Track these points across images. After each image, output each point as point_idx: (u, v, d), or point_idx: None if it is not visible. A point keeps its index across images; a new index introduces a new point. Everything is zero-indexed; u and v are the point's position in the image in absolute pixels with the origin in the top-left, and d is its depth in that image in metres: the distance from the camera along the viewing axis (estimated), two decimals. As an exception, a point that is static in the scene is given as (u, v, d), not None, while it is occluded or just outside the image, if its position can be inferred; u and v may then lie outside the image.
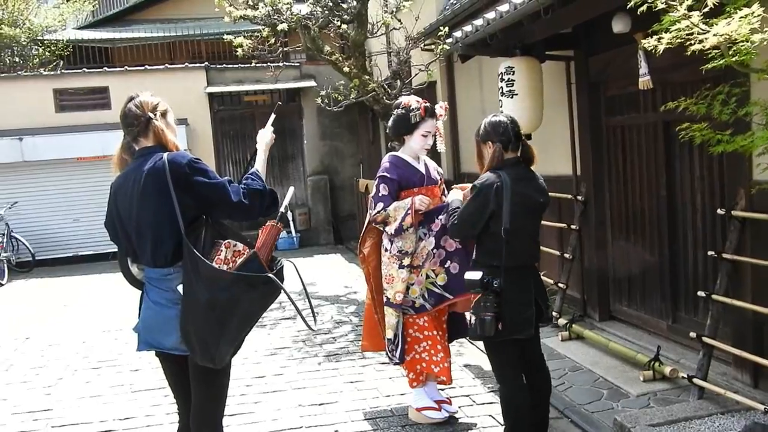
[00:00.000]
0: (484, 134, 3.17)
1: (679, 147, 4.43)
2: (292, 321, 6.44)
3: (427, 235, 3.68)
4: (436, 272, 3.68)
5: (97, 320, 7.06)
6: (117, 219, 2.52)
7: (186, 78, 11.55)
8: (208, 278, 2.30)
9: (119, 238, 2.57)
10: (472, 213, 3.08)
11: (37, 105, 11.14)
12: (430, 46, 7.21)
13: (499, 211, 2.98)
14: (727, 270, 3.82)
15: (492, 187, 3.00)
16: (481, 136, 3.18)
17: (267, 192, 2.52)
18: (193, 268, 2.32)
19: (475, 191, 3.08)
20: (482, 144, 3.19)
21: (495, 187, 2.99)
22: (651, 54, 3.50)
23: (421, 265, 3.68)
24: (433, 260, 3.68)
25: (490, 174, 3.06)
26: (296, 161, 12.44)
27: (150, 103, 2.52)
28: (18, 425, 4.22)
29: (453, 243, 3.68)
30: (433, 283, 3.69)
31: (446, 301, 3.71)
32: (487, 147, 3.16)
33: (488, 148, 3.15)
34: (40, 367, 5.47)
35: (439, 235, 3.67)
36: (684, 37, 2.49)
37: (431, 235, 3.68)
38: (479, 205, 3.04)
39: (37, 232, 11.11)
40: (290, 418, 4.06)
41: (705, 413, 3.58)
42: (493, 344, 3.12)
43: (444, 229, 3.65)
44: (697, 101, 2.75)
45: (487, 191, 3.01)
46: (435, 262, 3.68)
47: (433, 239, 3.67)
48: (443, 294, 3.69)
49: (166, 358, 2.58)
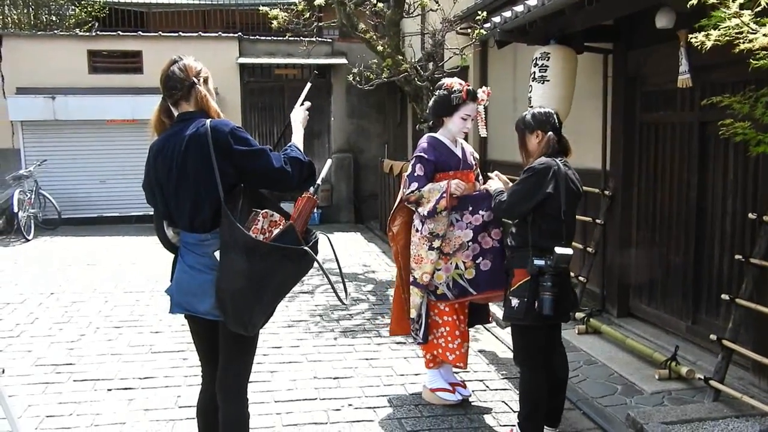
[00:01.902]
0: (534, 123, 3.25)
1: (714, 148, 4.37)
2: (309, 295, 6.51)
3: (464, 227, 3.64)
4: (466, 265, 3.65)
5: (119, 281, 7.19)
6: (155, 182, 2.51)
7: (218, 47, 11.60)
8: (245, 247, 2.31)
9: (156, 201, 2.57)
10: (528, 191, 3.12)
11: (71, 65, 11.25)
12: (466, 30, 7.15)
13: (556, 193, 3.07)
14: (753, 275, 3.78)
15: (550, 170, 3.08)
16: (528, 126, 3.27)
17: (306, 162, 2.51)
18: (230, 235, 2.33)
19: (530, 173, 3.13)
20: (529, 133, 3.27)
21: (553, 170, 3.08)
22: (692, 52, 3.46)
23: (452, 254, 3.65)
24: (466, 252, 3.64)
25: (546, 158, 3.14)
26: (322, 138, 12.46)
27: (194, 68, 2.51)
28: (41, 377, 4.34)
29: (489, 240, 3.66)
30: (461, 275, 3.66)
31: (469, 296, 3.69)
32: (534, 136, 3.24)
33: (536, 137, 3.24)
34: (64, 323, 5.60)
35: (478, 230, 3.63)
36: (732, 36, 2.45)
37: (470, 228, 3.63)
38: (534, 185, 3.09)
39: (64, 191, 11.28)
40: (306, 390, 4.13)
41: (719, 415, 3.57)
42: (525, 329, 3.18)
43: (484, 225, 3.63)
44: (740, 100, 2.71)
45: (545, 173, 3.08)
46: (468, 255, 3.64)
47: (471, 232, 3.63)
48: (467, 288, 3.66)
49: (197, 321, 2.60)
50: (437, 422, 3.66)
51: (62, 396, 4.02)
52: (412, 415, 3.76)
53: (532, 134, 3.25)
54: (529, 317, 3.08)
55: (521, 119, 3.33)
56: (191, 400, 3.89)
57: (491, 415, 3.76)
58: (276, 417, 3.73)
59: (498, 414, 3.77)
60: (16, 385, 4.17)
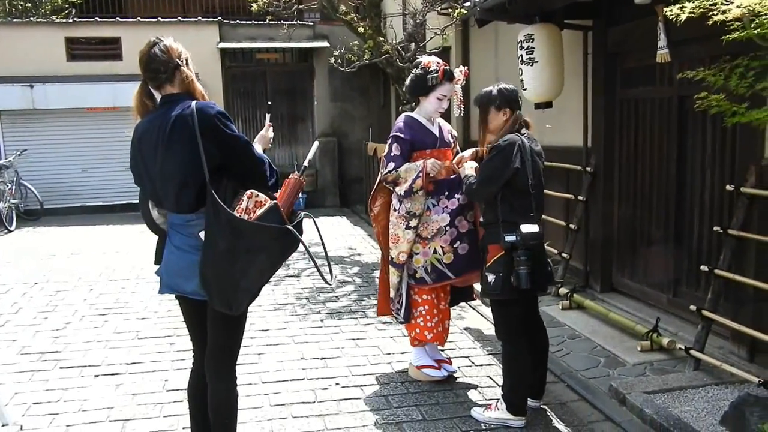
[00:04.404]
0: (501, 100, 3.25)
1: (692, 122, 4.42)
2: (296, 279, 6.52)
3: (441, 212, 3.66)
4: (444, 250, 3.67)
5: (104, 269, 7.16)
6: (141, 164, 2.52)
7: (199, 32, 11.46)
8: (228, 226, 2.33)
9: (143, 183, 2.59)
10: (495, 169, 3.13)
11: (49, 53, 11.08)
12: (446, 10, 7.13)
13: (523, 168, 3.09)
14: (731, 246, 3.85)
15: (515, 145, 3.10)
16: (493, 102, 3.26)
17: (275, 169, 2.57)
18: (215, 215, 2.34)
19: (496, 150, 3.14)
20: (495, 110, 3.26)
21: (518, 145, 3.10)
22: (670, 26, 3.48)
23: (430, 239, 3.68)
24: (444, 237, 3.66)
25: (510, 135, 3.16)
26: (306, 122, 12.41)
27: (176, 50, 2.49)
28: (27, 365, 4.33)
29: (466, 224, 3.69)
30: (439, 260, 3.69)
31: (447, 280, 3.73)
32: (502, 113, 3.25)
33: (503, 115, 3.25)
34: (49, 312, 5.57)
35: (454, 214, 3.66)
36: (707, 8, 2.47)
37: (446, 213, 3.66)
38: (502, 162, 3.10)
39: (46, 181, 11.16)
40: (293, 370, 4.15)
41: (700, 384, 3.65)
42: (503, 303, 3.21)
43: (461, 209, 3.66)
44: (715, 73, 2.74)
45: (510, 149, 3.10)
46: (446, 240, 3.66)
47: (448, 216, 3.65)
48: (446, 272, 3.69)
49: (186, 301, 2.64)
50: (423, 398, 3.70)
51: (49, 383, 4.01)
52: (399, 392, 3.80)
53: (499, 111, 3.25)
54: (506, 292, 3.12)
55: (485, 95, 3.30)
56: (179, 384, 3.91)
57: (476, 390, 3.81)
58: (264, 398, 3.75)
59: (483, 388, 3.82)
60: (2, 373, 4.16)
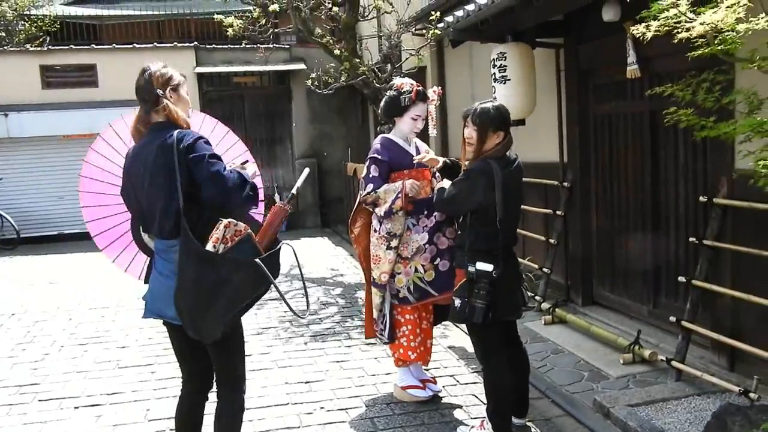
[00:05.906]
0: (500, 123, 3.08)
1: (664, 136, 4.50)
2: (278, 302, 6.46)
3: (421, 231, 3.68)
4: (425, 268, 3.68)
5: (83, 298, 7.06)
6: (131, 188, 2.59)
7: (175, 57, 11.43)
8: (196, 257, 2.37)
9: (132, 207, 2.66)
10: (460, 191, 3.10)
11: (23, 81, 11.02)
12: (421, 31, 7.22)
13: (490, 202, 2.99)
14: (707, 256, 3.91)
15: (482, 176, 3.01)
16: (493, 123, 3.06)
17: (250, 183, 2.52)
18: (185, 244, 2.39)
19: (466, 175, 3.11)
20: (492, 131, 3.06)
21: (486, 177, 3.00)
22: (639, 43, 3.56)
23: (410, 258, 3.69)
24: (424, 255, 3.68)
25: (480, 164, 3.05)
26: (284, 144, 12.42)
27: (160, 78, 2.52)
28: (5, 398, 4.24)
29: (445, 240, 3.70)
30: (421, 278, 3.70)
31: (430, 297, 3.74)
32: (496, 136, 3.08)
33: (497, 138, 3.08)
34: (27, 343, 5.47)
35: (432, 232, 3.67)
36: (672, 25, 2.53)
37: (425, 231, 3.67)
38: (468, 188, 3.07)
39: (22, 210, 11.05)
40: (277, 395, 4.12)
41: (682, 394, 3.68)
42: (478, 328, 3.16)
43: (439, 225, 3.68)
44: (683, 88, 2.81)
45: (476, 179, 3.03)
46: (426, 258, 3.68)
47: (427, 235, 3.67)
48: (428, 290, 3.70)
49: (171, 326, 2.66)
50: (409, 419, 3.69)
51: (27, 416, 3.93)
52: (384, 413, 3.78)
53: (494, 133, 3.08)
54: (472, 317, 3.04)
55: (484, 113, 3.06)
56: (161, 413, 3.85)
57: (462, 408, 3.80)
58: (248, 424, 3.70)
59: (469, 407, 3.82)
60: (-21, 409, 4.07)
